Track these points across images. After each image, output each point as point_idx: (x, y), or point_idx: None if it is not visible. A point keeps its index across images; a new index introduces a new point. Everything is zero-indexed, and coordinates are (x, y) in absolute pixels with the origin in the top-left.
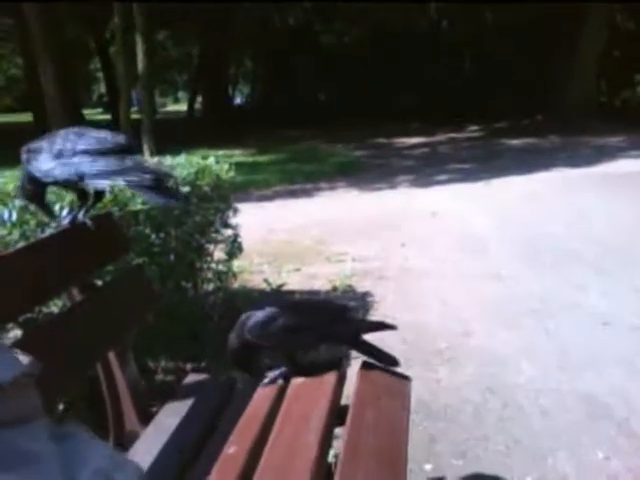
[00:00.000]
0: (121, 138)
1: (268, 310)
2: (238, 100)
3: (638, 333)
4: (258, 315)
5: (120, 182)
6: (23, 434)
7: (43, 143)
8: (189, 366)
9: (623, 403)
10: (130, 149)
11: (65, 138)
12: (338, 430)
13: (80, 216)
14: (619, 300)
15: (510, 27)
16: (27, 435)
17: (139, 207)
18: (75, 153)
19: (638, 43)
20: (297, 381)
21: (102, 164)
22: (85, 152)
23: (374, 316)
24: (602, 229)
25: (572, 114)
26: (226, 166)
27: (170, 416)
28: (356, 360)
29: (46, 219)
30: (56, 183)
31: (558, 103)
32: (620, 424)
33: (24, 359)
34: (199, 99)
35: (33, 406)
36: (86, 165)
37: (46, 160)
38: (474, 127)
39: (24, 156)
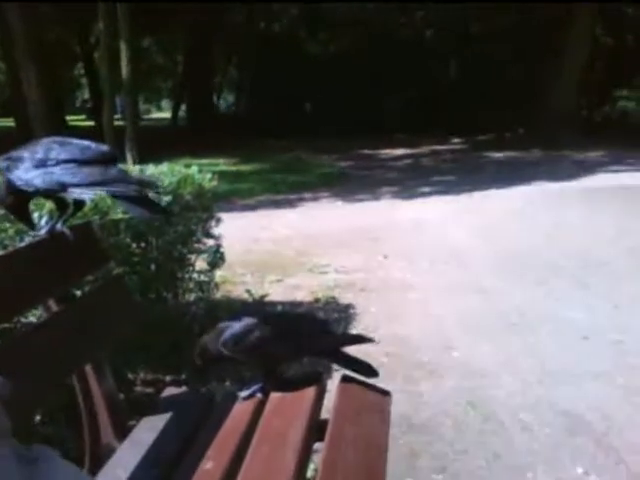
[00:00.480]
0: (104, 148)
1: (244, 322)
2: (223, 108)
3: (618, 348)
4: (234, 327)
5: (103, 193)
6: None
7: (24, 152)
8: (169, 378)
9: (602, 418)
10: (113, 159)
11: (47, 147)
12: (318, 445)
13: (59, 226)
14: (599, 314)
15: (493, 41)
16: None
17: (120, 216)
18: (58, 162)
19: (618, 59)
20: (276, 395)
21: (85, 174)
22: (68, 161)
23: (356, 328)
24: (583, 243)
25: (554, 128)
26: (209, 175)
27: (147, 430)
28: (337, 372)
29: (26, 227)
30: (37, 192)
31: (540, 117)
32: (599, 439)
33: None
34: (183, 107)
35: (0, 428)
36: (68, 175)
37: (27, 169)
38: (457, 139)
39: (4, 164)
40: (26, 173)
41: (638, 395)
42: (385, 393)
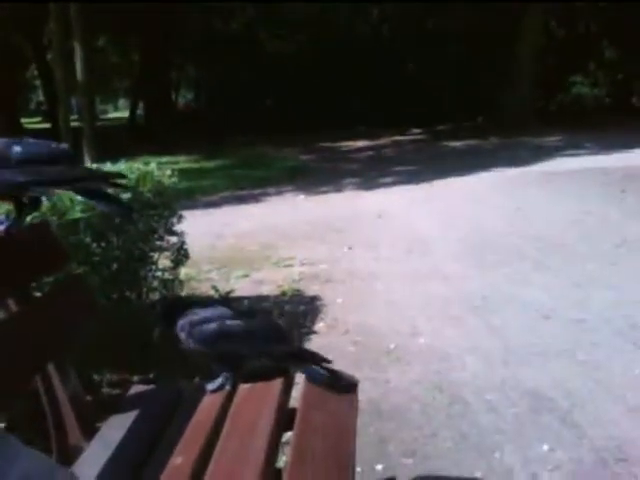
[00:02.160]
0: (66, 146)
1: (213, 314)
2: (181, 106)
3: (579, 326)
4: (194, 316)
5: (71, 190)
6: None
7: None
8: (136, 378)
9: (566, 396)
10: (75, 158)
11: (6, 146)
12: (288, 435)
13: (15, 225)
14: (560, 294)
15: (449, 34)
16: None
17: (78, 215)
18: (19, 162)
19: (570, 46)
20: (244, 387)
21: (53, 173)
22: (29, 161)
23: (323, 320)
24: (541, 226)
25: (511, 116)
26: (168, 172)
27: (115, 429)
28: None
29: None
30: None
31: (498, 106)
32: (563, 416)
33: None
34: (141, 106)
35: None
36: (33, 174)
37: None
38: (417, 130)
39: None
40: None
41: (599, 371)
42: (352, 379)
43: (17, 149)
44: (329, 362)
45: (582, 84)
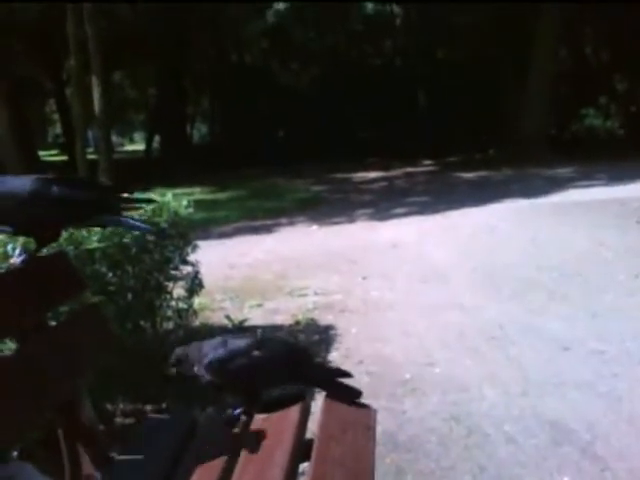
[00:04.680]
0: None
1: (230, 347)
2: (196, 139)
3: (598, 357)
4: (219, 350)
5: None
6: None
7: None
8: (150, 408)
9: (587, 427)
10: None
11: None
12: (304, 465)
13: (32, 255)
14: (578, 325)
15: (461, 65)
16: None
17: (95, 245)
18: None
19: (581, 80)
20: (260, 417)
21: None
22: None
23: (338, 349)
24: (557, 256)
25: (523, 147)
26: (184, 202)
27: (128, 459)
28: (320, 392)
29: None
30: None
31: (510, 137)
32: (584, 448)
33: None
34: (156, 138)
35: None
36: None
37: None
38: (428, 161)
39: None
40: None
41: (621, 402)
42: (370, 409)
43: (55, 188)
44: (350, 376)
45: (594, 116)
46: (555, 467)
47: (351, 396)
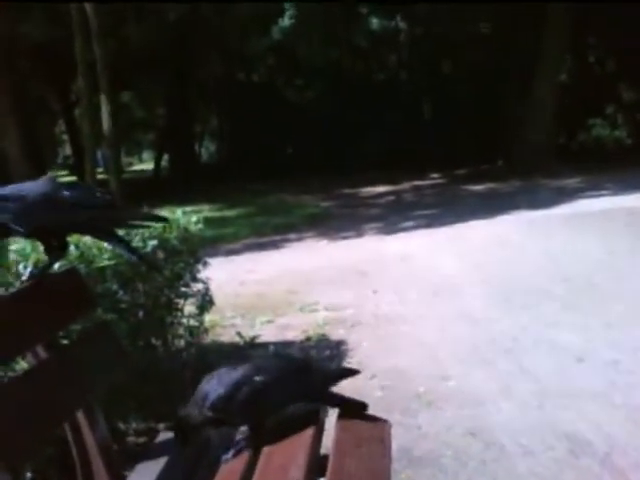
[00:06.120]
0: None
1: (227, 381)
2: (205, 158)
3: (613, 367)
4: (217, 389)
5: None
6: None
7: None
8: (162, 426)
9: (604, 438)
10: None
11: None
12: None
13: (40, 272)
14: (591, 335)
15: (466, 77)
16: None
17: (106, 263)
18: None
19: (588, 88)
20: (267, 449)
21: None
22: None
23: (350, 364)
24: (568, 267)
25: (531, 159)
26: (194, 218)
27: (141, 477)
28: (333, 410)
29: (11, 279)
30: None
31: (517, 149)
32: (603, 460)
33: None
34: (165, 157)
35: None
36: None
37: None
38: (436, 174)
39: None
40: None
41: (638, 413)
42: (384, 423)
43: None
44: (358, 373)
45: (601, 126)
46: (574, 479)
47: (359, 408)
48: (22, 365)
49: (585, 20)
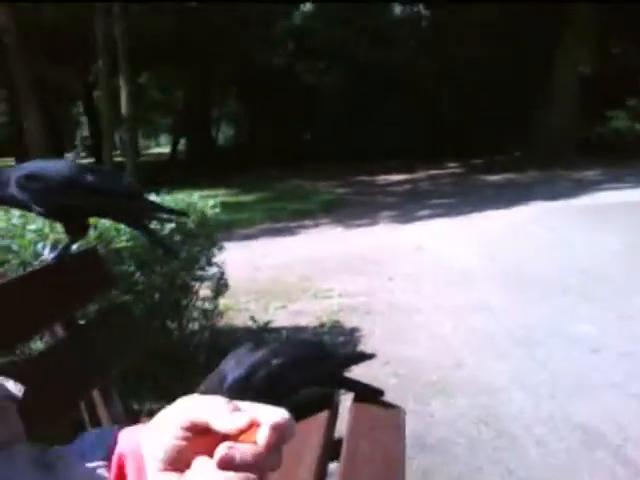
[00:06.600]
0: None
1: (246, 363)
2: (222, 141)
3: (628, 359)
4: (235, 370)
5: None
6: (1, 460)
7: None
8: None
9: (617, 430)
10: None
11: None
12: (333, 465)
13: (64, 253)
14: (607, 327)
15: (485, 65)
16: (6, 461)
17: (123, 244)
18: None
19: (609, 79)
20: None
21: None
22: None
23: (363, 351)
24: (584, 258)
25: (550, 149)
26: (211, 202)
27: None
28: (345, 394)
29: (29, 258)
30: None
31: (536, 139)
32: (616, 452)
33: (6, 382)
34: (182, 141)
35: (14, 431)
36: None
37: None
38: (453, 164)
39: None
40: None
41: None
42: (399, 409)
43: (90, 178)
44: (373, 357)
45: (622, 118)
46: (586, 471)
47: (375, 394)
48: (38, 345)
49: (609, 11)
